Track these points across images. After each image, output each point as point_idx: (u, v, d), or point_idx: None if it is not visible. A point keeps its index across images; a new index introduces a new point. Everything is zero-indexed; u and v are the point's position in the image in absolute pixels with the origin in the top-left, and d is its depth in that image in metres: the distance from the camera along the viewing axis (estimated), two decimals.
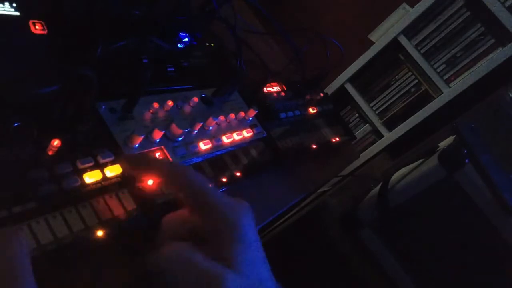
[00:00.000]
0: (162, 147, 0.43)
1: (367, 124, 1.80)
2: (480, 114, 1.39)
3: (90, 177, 0.35)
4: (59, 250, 0.30)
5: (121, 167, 0.37)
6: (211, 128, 0.49)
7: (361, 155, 1.72)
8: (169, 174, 0.35)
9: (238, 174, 0.49)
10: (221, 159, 0.49)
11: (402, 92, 1.70)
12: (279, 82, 0.67)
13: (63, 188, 0.33)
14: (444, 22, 1.57)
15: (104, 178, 0.36)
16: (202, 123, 0.47)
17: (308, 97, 0.69)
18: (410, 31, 1.62)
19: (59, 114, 0.35)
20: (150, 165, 0.37)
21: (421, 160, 1.38)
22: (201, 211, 0.34)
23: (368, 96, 1.78)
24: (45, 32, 0.39)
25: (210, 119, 0.48)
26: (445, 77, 1.59)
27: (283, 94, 0.65)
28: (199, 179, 0.34)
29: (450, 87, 1.58)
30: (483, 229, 1.22)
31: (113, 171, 0.37)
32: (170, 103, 0.46)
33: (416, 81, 1.66)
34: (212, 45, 0.61)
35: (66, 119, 0.35)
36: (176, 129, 0.43)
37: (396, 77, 1.71)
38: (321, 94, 0.73)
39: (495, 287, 1.26)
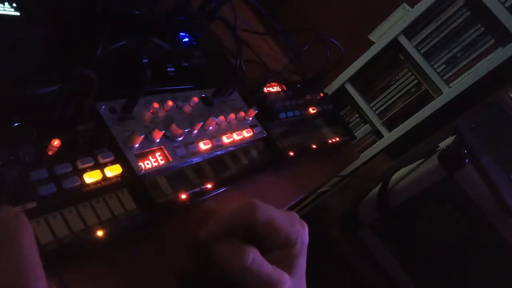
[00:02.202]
0: (162, 147, 0.43)
1: (367, 124, 1.80)
2: (480, 114, 1.39)
3: (90, 177, 0.35)
4: (59, 250, 0.30)
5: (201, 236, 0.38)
6: (211, 128, 0.49)
7: (361, 155, 1.72)
8: (241, 217, 0.37)
9: (238, 174, 0.49)
10: (221, 159, 0.49)
11: (402, 92, 1.70)
12: (279, 82, 0.67)
13: (63, 188, 0.33)
14: (444, 22, 1.57)
15: (104, 178, 0.36)
16: (202, 123, 0.47)
17: (308, 97, 0.69)
18: (410, 31, 1.62)
19: (59, 114, 0.35)
20: (223, 223, 0.38)
21: (421, 160, 1.38)
22: (278, 232, 0.37)
23: (368, 96, 1.78)
24: None
25: (210, 119, 0.48)
26: (445, 77, 1.59)
27: (283, 94, 0.65)
28: (264, 205, 0.37)
29: (450, 87, 1.58)
30: (483, 229, 1.22)
31: (113, 171, 0.37)
32: (170, 103, 0.46)
33: (416, 81, 1.66)
34: (212, 45, 0.61)
35: (66, 119, 0.35)
36: (176, 129, 0.43)
37: (396, 77, 1.71)
38: (321, 94, 0.73)
39: (495, 287, 1.26)
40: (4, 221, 0.22)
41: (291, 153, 0.57)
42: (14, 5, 0.39)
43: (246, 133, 0.53)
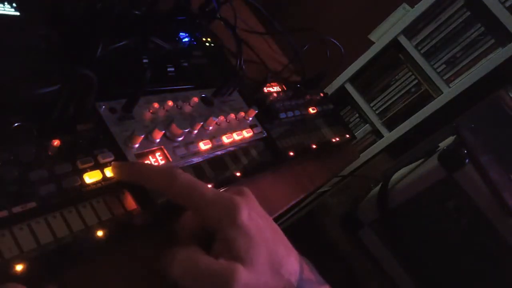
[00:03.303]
0: (162, 147, 0.43)
1: (367, 124, 1.80)
2: (480, 114, 1.39)
3: (90, 177, 0.35)
4: (59, 250, 0.30)
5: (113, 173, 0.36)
6: (211, 128, 0.49)
7: (361, 155, 1.72)
8: (156, 181, 0.34)
9: (238, 174, 0.49)
10: (221, 159, 0.49)
11: (402, 92, 1.70)
12: (279, 82, 0.67)
13: (63, 188, 0.33)
14: (444, 22, 1.57)
15: (104, 178, 0.36)
16: (202, 123, 0.47)
17: (308, 97, 0.69)
18: (410, 31, 1.62)
19: (59, 114, 0.35)
20: (136, 174, 0.36)
21: (421, 160, 1.38)
22: (200, 211, 0.34)
23: (368, 96, 1.78)
24: None
25: (210, 119, 0.48)
26: (445, 77, 1.59)
27: (283, 94, 0.65)
28: (187, 178, 0.34)
29: (450, 87, 1.58)
30: (483, 229, 1.22)
31: None
32: (170, 103, 0.46)
33: (416, 81, 1.66)
34: (212, 45, 0.61)
35: (66, 119, 0.35)
36: (176, 129, 0.43)
37: (396, 77, 1.71)
38: (321, 94, 0.73)
39: (495, 287, 1.26)
40: None
41: (291, 153, 0.57)
42: (14, 5, 0.39)
43: (246, 133, 0.53)
